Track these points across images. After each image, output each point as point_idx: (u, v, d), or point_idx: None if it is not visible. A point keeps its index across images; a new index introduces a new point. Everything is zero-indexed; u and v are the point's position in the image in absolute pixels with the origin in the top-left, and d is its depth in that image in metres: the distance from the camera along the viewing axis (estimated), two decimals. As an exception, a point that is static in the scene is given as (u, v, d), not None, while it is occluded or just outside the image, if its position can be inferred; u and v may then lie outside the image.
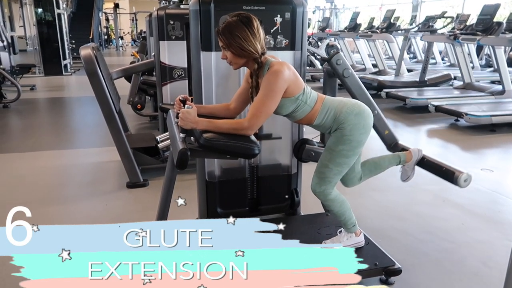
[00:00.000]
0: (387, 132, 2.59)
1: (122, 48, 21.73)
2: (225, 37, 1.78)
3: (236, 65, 1.86)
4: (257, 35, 1.78)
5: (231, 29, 1.76)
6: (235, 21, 1.76)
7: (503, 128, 5.35)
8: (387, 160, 2.31)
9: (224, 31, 1.77)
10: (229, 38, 1.77)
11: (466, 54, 7.30)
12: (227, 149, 1.74)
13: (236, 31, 1.75)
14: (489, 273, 2.24)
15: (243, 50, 1.77)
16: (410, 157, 2.31)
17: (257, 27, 1.79)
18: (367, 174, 2.26)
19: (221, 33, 1.79)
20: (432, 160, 2.31)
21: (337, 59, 2.49)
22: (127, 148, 3.38)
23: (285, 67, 1.80)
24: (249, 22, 1.77)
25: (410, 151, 2.33)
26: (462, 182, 2.18)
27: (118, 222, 2.83)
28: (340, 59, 2.50)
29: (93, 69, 3.15)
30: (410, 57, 12.37)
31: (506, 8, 11.86)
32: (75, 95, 8.19)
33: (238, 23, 1.76)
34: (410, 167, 2.32)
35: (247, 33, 1.76)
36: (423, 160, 2.34)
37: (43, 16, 10.69)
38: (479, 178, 3.66)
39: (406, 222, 2.82)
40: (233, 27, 1.76)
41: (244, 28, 1.75)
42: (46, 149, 4.53)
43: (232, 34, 1.76)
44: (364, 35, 9.18)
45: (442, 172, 2.27)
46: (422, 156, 2.33)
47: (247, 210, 2.61)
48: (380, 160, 2.30)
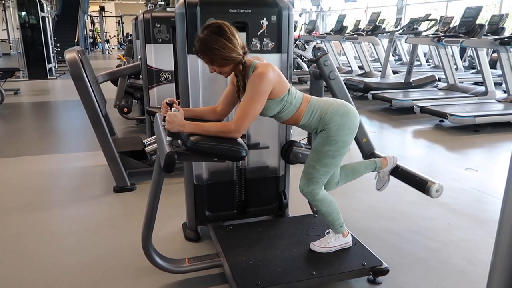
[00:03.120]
0: (365, 140, 2.61)
1: (108, 51, 21.54)
2: (204, 54, 1.78)
3: (226, 73, 1.87)
4: (233, 39, 1.77)
5: (206, 44, 1.75)
6: (207, 34, 1.75)
7: (487, 128, 5.46)
8: (363, 165, 2.32)
9: (201, 48, 1.77)
10: (208, 53, 1.77)
11: (449, 56, 7.44)
12: (214, 152, 1.74)
13: (212, 44, 1.74)
14: (474, 271, 2.28)
15: (226, 59, 1.77)
16: (386, 164, 2.34)
17: (230, 31, 1.77)
18: (344, 179, 2.27)
19: (199, 51, 1.78)
20: (406, 170, 2.33)
21: (325, 60, 2.52)
22: (113, 152, 3.35)
23: (270, 69, 1.81)
24: (220, 30, 1.75)
25: (386, 158, 2.36)
26: (434, 192, 2.18)
27: (105, 226, 2.83)
28: (327, 60, 2.52)
29: (78, 73, 3.12)
30: (396, 59, 12.54)
31: (488, 10, 12.10)
32: (60, 99, 8.09)
33: (210, 35, 1.74)
34: (385, 174, 2.36)
35: (223, 42, 1.74)
36: (397, 169, 2.35)
37: (27, 19, 10.53)
38: (463, 178, 3.72)
39: (393, 222, 2.85)
40: (207, 42, 1.74)
41: (218, 38, 1.74)
42: (31, 154, 4.46)
43: (210, 49, 1.75)
44: (350, 37, 9.27)
45: (415, 182, 2.27)
46: (396, 164, 2.36)
47: (235, 212, 2.61)
48: (357, 165, 2.32)
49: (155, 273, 2.17)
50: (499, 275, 1.00)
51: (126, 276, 2.21)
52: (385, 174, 2.35)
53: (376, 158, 2.39)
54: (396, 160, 2.36)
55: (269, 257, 2.10)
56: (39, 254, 2.43)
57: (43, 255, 2.43)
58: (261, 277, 1.93)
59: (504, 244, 0.97)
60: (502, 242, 0.97)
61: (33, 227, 2.78)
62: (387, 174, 2.35)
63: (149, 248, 1.98)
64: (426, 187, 2.19)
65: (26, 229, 2.76)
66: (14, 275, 2.23)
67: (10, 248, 2.50)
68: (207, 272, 2.19)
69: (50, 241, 2.59)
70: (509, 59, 6.12)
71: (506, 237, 0.96)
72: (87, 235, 2.67)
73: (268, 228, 2.43)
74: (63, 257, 2.40)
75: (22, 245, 2.53)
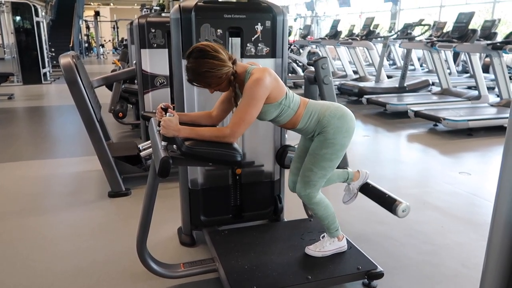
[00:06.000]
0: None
1: (103, 56, 21.50)
2: (198, 81, 1.80)
3: (224, 88, 1.88)
4: (218, 55, 1.76)
5: (196, 71, 1.76)
6: (193, 62, 1.75)
7: (480, 132, 5.50)
8: (336, 174, 2.32)
9: (194, 76, 1.79)
10: (201, 79, 1.78)
11: (443, 61, 7.51)
12: (209, 157, 1.75)
13: (201, 69, 1.75)
14: (468, 274, 2.29)
15: (219, 77, 1.79)
16: (358, 177, 2.37)
17: (213, 48, 1.76)
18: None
19: (193, 80, 1.80)
20: (376, 187, 2.35)
21: (323, 63, 2.55)
22: (108, 157, 3.35)
23: (266, 74, 1.81)
24: (203, 52, 1.75)
25: (358, 171, 2.40)
26: (400, 212, 2.17)
27: (99, 232, 2.81)
28: (325, 64, 2.55)
29: (73, 78, 3.12)
30: (390, 63, 12.63)
31: (481, 16, 12.23)
32: (55, 104, 8.05)
33: (197, 62, 1.75)
34: (355, 187, 2.38)
35: (210, 62, 1.75)
36: (368, 186, 2.37)
37: (21, 24, 10.50)
38: (457, 182, 3.74)
39: (388, 226, 2.86)
40: (196, 68, 1.76)
41: (205, 60, 1.74)
42: (25, 159, 4.44)
43: (200, 74, 1.76)
44: (345, 42, 9.34)
45: (383, 200, 2.27)
46: (367, 181, 2.38)
47: (231, 217, 2.61)
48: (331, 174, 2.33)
49: (150, 278, 2.16)
50: (491, 278, 1.01)
51: (121, 281, 2.21)
52: (355, 187, 2.38)
53: (349, 169, 2.41)
54: (368, 176, 2.40)
55: (265, 262, 2.10)
56: (33, 260, 2.41)
57: (37, 260, 2.41)
58: (256, 282, 1.93)
59: (496, 246, 0.99)
60: (494, 245, 0.99)
61: (27, 233, 2.76)
62: (356, 187, 2.39)
63: (144, 253, 1.97)
64: (393, 206, 2.19)
65: (20, 234, 2.74)
66: (8, 281, 2.21)
67: (4, 253, 2.48)
68: (202, 277, 2.18)
69: (44, 246, 2.58)
70: (501, 63, 6.18)
71: (497, 240, 0.98)
72: (82, 240, 2.65)
73: (263, 232, 2.43)
74: (57, 263, 2.39)
75: (16, 251, 2.51)
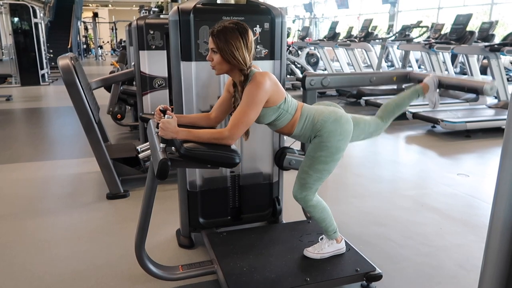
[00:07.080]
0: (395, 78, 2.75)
1: (101, 57, 21.49)
2: (218, 40, 1.78)
3: (220, 70, 1.87)
4: (250, 47, 1.81)
5: (226, 34, 1.77)
6: (232, 28, 1.78)
7: (478, 133, 5.51)
8: (406, 97, 2.36)
9: (219, 34, 1.78)
10: (222, 42, 1.78)
11: (441, 62, 7.53)
12: (207, 159, 1.74)
13: (231, 38, 1.76)
14: (466, 276, 2.29)
15: (233, 58, 1.79)
16: (427, 88, 2.43)
17: (251, 40, 1.82)
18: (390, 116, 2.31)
19: (216, 35, 1.79)
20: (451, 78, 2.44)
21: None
22: (107, 159, 3.34)
23: (267, 78, 1.82)
24: (245, 33, 1.79)
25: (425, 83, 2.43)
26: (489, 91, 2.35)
27: (98, 234, 2.80)
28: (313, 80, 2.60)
29: (71, 79, 3.11)
30: (388, 65, 12.63)
31: (478, 17, 12.27)
32: (53, 105, 8.04)
33: (234, 30, 1.77)
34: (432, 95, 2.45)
35: (241, 43, 1.77)
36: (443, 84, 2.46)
37: (19, 25, 10.49)
38: (455, 183, 3.75)
39: (386, 227, 2.86)
40: (228, 33, 1.77)
41: (240, 37, 1.77)
42: (23, 160, 4.42)
43: (226, 40, 1.77)
44: (343, 44, 9.35)
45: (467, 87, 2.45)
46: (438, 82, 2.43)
47: (229, 219, 2.61)
48: (400, 99, 2.37)
49: (148, 280, 2.16)
50: (489, 279, 1.01)
51: (120, 284, 2.20)
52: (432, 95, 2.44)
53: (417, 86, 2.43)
54: (436, 80, 2.44)
55: (263, 264, 2.10)
56: (30, 263, 2.41)
57: (34, 263, 2.40)
58: (255, 284, 1.93)
59: (494, 248, 0.99)
60: (492, 247, 0.99)
61: (25, 235, 2.75)
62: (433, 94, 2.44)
63: (142, 255, 1.97)
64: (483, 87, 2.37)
65: (17, 237, 2.73)
66: (5, 284, 2.20)
67: (1, 257, 2.47)
68: (201, 279, 2.18)
69: (42, 249, 2.57)
70: (499, 65, 6.20)
71: (495, 241, 0.98)
72: (80, 243, 2.65)
73: (262, 234, 2.43)
74: (55, 266, 2.38)
75: (13, 254, 2.51)
